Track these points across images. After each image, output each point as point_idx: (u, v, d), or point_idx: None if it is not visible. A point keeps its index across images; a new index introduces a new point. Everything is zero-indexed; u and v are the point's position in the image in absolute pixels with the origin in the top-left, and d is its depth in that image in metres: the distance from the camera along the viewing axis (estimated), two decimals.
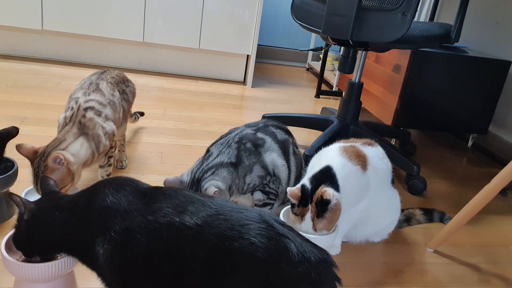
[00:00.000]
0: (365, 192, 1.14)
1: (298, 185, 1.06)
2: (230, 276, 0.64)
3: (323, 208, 1.00)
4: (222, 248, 0.65)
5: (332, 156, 1.12)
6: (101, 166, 1.31)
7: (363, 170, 1.11)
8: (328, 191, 0.99)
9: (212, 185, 1.05)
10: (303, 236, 0.69)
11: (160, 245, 0.67)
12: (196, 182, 1.08)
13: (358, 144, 1.17)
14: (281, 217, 1.13)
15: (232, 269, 0.64)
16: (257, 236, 0.65)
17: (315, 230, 1.02)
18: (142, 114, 1.84)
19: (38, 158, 1.08)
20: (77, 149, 1.13)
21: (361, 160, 1.12)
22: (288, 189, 1.05)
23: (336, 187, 1.04)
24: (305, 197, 1.03)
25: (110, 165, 1.31)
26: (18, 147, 1.07)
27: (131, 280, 0.69)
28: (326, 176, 1.06)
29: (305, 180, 1.07)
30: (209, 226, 0.66)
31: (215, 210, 0.69)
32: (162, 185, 0.79)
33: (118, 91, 1.37)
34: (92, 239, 0.70)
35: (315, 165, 1.12)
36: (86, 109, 1.20)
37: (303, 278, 0.64)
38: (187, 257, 0.65)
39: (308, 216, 1.02)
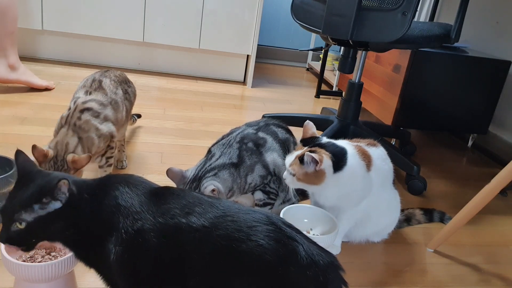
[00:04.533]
0: (367, 191, 1.14)
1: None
2: (237, 279, 0.63)
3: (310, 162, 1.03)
4: (230, 250, 0.64)
5: (345, 144, 1.14)
6: (100, 167, 1.31)
7: (367, 169, 1.12)
8: (325, 159, 1.03)
9: (211, 184, 1.05)
10: (310, 239, 0.69)
11: (168, 247, 0.66)
12: (197, 180, 1.09)
13: (363, 144, 1.18)
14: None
15: (239, 272, 0.64)
16: (265, 238, 0.64)
17: (291, 167, 1.06)
18: (139, 116, 1.84)
19: (51, 162, 1.10)
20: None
21: (367, 160, 1.13)
22: (308, 122, 1.12)
23: (341, 166, 1.06)
24: (311, 142, 1.09)
25: (109, 165, 1.31)
26: (34, 148, 1.08)
27: (139, 281, 0.68)
28: (340, 152, 1.08)
29: (324, 138, 1.12)
30: (216, 228, 0.66)
31: (222, 211, 0.68)
32: (162, 184, 0.78)
33: (122, 90, 1.37)
34: (103, 235, 0.69)
35: None
36: (82, 111, 1.20)
37: (311, 281, 0.64)
38: (193, 259, 0.65)
39: (297, 153, 1.07)
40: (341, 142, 1.14)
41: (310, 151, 1.03)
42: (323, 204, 1.16)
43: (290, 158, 1.08)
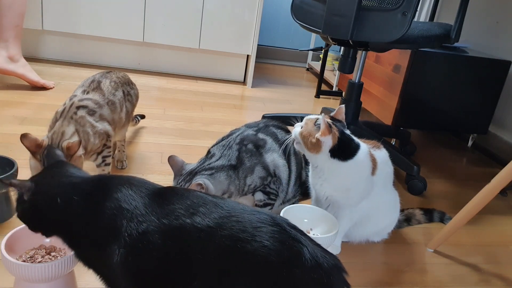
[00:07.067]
0: (367, 193, 1.15)
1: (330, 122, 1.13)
2: (242, 280, 0.63)
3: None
4: (234, 251, 0.64)
5: (362, 144, 1.15)
6: (97, 166, 1.31)
7: (372, 173, 1.13)
8: (328, 137, 1.06)
9: (200, 180, 1.06)
10: (315, 241, 0.69)
11: (173, 247, 0.66)
12: (192, 174, 1.09)
13: (369, 146, 1.18)
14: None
15: (244, 272, 0.63)
16: (270, 239, 0.64)
17: (304, 121, 1.11)
18: (143, 117, 1.83)
19: (45, 151, 1.08)
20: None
21: (373, 164, 1.14)
22: (342, 106, 1.17)
23: (349, 155, 1.09)
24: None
25: (106, 164, 1.30)
26: (23, 137, 1.07)
27: (143, 281, 0.68)
28: (354, 143, 1.11)
29: (347, 130, 1.15)
30: (221, 228, 0.65)
31: (227, 211, 0.68)
32: (162, 184, 0.78)
33: (123, 91, 1.37)
34: (105, 237, 0.69)
35: None
36: (78, 108, 1.20)
37: (315, 283, 0.64)
38: (198, 259, 0.65)
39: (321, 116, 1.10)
40: (359, 140, 1.16)
41: (331, 123, 1.08)
42: (324, 195, 1.15)
43: (311, 117, 1.12)
